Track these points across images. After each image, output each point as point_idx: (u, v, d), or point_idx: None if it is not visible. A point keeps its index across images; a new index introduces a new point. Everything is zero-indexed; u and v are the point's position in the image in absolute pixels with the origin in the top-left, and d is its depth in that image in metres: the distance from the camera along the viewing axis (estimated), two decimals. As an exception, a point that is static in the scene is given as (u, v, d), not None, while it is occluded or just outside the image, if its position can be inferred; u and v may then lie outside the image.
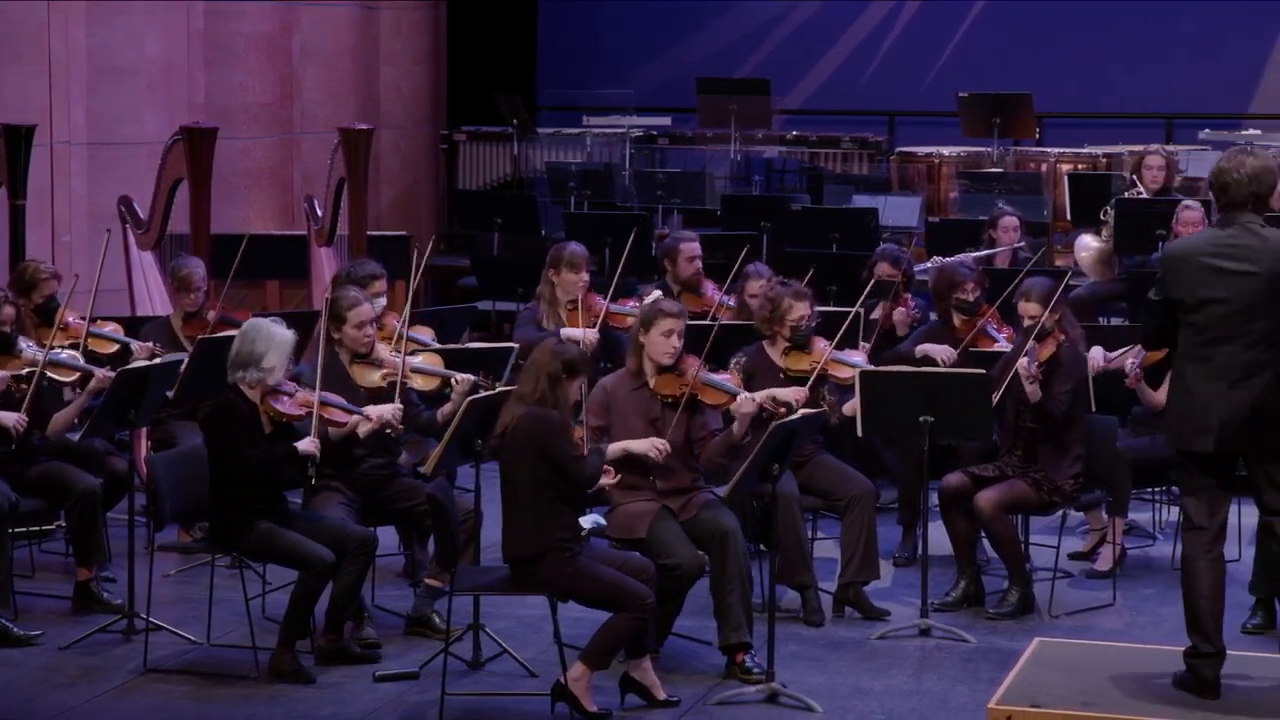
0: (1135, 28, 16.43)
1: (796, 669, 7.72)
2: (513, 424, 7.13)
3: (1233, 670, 6.86)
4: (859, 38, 17.28)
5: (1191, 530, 6.71)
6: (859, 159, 15.42)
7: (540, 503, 7.10)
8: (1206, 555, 6.68)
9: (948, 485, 8.56)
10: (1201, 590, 6.66)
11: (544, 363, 7.16)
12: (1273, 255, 6.54)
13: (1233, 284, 6.54)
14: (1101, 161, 13.99)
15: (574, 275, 9.79)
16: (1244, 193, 6.59)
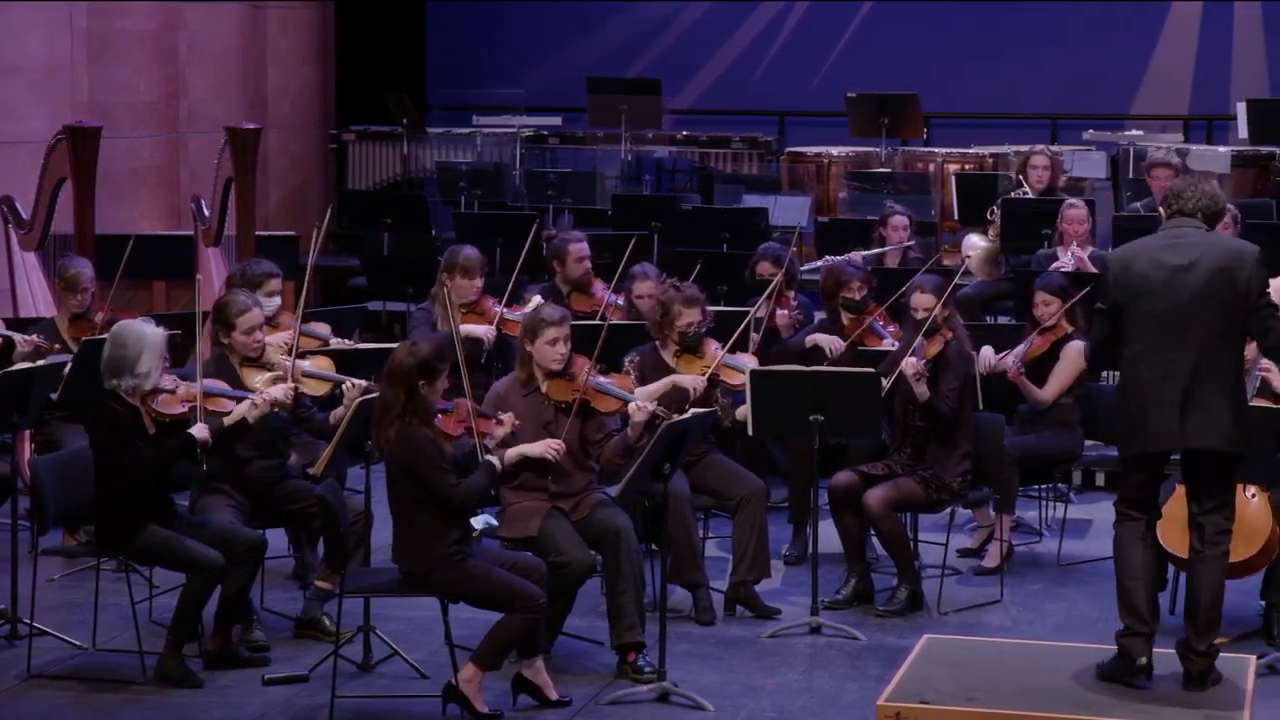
0: (1020, 28, 16.59)
1: (688, 668, 7.73)
2: (387, 445, 7.08)
3: (1117, 664, 6.96)
4: (748, 38, 17.34)
5: (1125, 522, 6.82)
6: (749, 159, 15.47)
7: (426, 518, 7.06)
8: (1140, 541, 6.80)
9: (837, 484, 8.61)
10: (1135, 572, 6.78)
11: (400, 369, 7.09)
12: (1211, 255, 6.67)
13: (1176, 286, 6.66)
14: (988, 161, 14.11)
15: (467, 281, 9.75)
16: (1190, 204, 6.76)
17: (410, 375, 7.05)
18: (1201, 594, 6.74)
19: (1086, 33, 16.41)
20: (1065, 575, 9.23)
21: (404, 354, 7.11)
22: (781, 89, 16.92)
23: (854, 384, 8.36)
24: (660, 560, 7.73)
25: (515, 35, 17.53)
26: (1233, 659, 7.00)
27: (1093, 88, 16.22)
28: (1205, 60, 16.28)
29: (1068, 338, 9.30)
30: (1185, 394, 6.65)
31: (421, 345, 7.23)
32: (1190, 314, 6.66)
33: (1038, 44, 16.56)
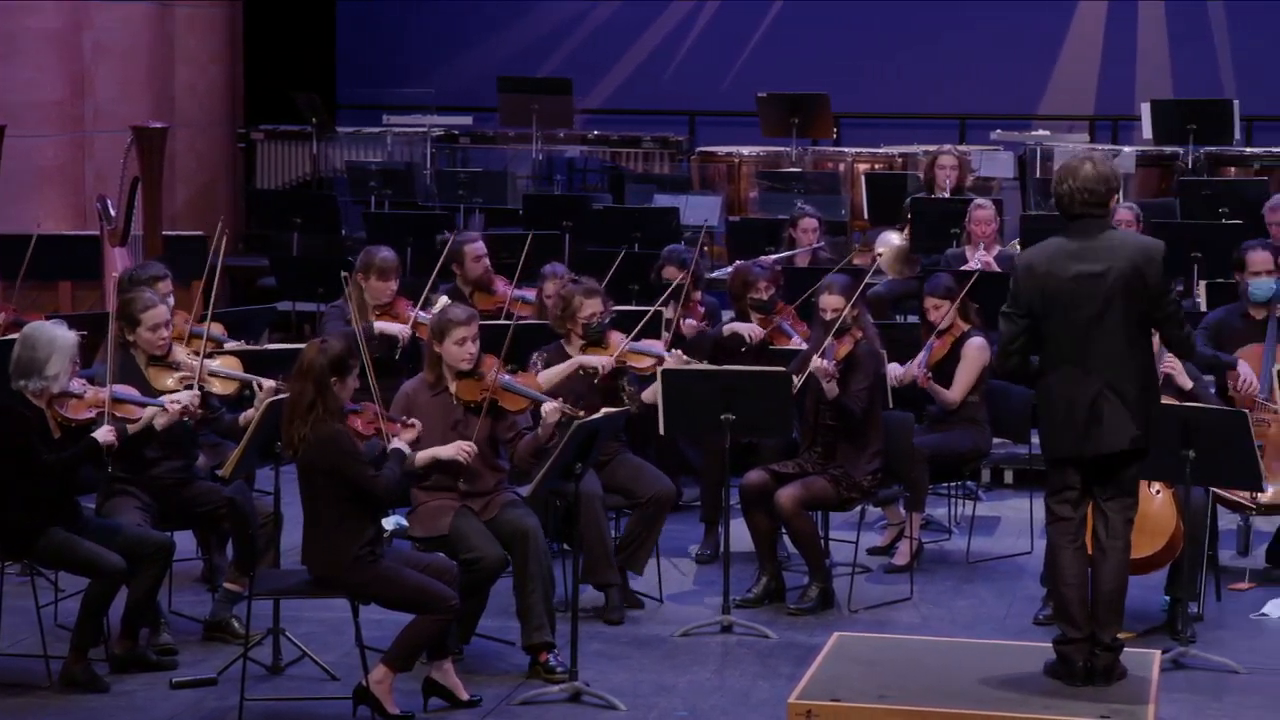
0: (929, 29, 16.68)
1: (599, 667, 7.73)
2: (301, 444, 7.04)
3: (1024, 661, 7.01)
4: (659, 38, 17.35)
5: (1056, 521, 6.87)
6: (660, 158, 15.48)
7: (339, 517, 7.02)
8: (1071, 544, 6.85)
9: (749, 482, 8.63)
10: (1067, 579, 6.83)
11: (311, 365, 7.05)
12: (1121, 256, 6.72)
13: (1085, 287, 6.71)
14: (897, 161, 14.19)
15: (382, 283, 9.70)
16: (1079, 201, 6.78)
17: (322, 372, 7.01)
18: (1104, 587, 6.81)
19: (994, 33, 16.53)
20: (974, 572, 9.29)
21: (315, 351, 7.08)
22: (692, 89, 16.94)
23: (765, 383, 8.39)
24: (572, 560, 7.72)
25: (425, 34, 17.47)
26: (1138, 654, 7.07)
27: (1000, 88, 16.34)
28: (1110, 61, 16.44)
29: (965, 336, 9.37)
30: (1101, 398, 6.70)
31: (333, 342, 7.20)
32: (1103, 318, 6.71)
33: (946, 44, 16.66)
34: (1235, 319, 9.37)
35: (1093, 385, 6.71)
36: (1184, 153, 13.40)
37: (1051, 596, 6.97)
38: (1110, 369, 6.72)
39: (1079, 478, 6.85)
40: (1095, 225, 6.79)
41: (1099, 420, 6.71)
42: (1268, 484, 8.57)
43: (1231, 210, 11.81)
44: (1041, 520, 8.23)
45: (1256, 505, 8.82)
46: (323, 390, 7.01)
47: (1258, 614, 8.50)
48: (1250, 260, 9.32)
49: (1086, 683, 6.75)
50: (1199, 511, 8.17)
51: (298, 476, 7.13)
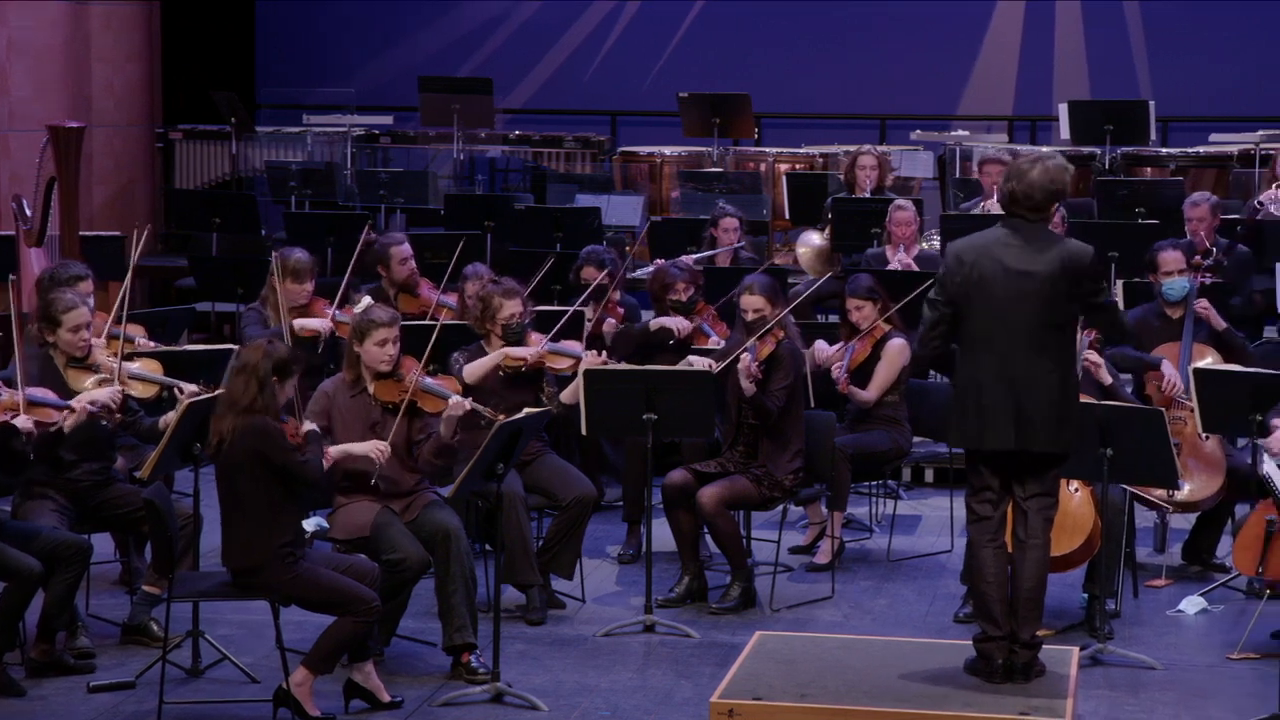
0: (850, 29, 16.77)
1: (522, 667, 7.72)
2: (229, 435, 7.00)
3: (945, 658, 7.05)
4: (580, 38, 17.35)
5: (976, 521, 6.90)
6: (582, 158, 15.48)
7: (262, 511, 6.98)
8: (991, 544, 6.88)
9: (671, 482, 8.64)
10: (987, 577, 6.87)
11: (255, 364, 7.03)
12: (1051, 257, 6.76)
13: (1013, 285, 6.75)
14: (818, 161, 14.24)
15: (298, 285, 9.65)
16: (1020, 202, 6.83)
17: (265, 372, 6.99)
18: (1023, 585, 6.85)
19: (914, 33, 16.63)
20: (895, 571, 9.34)
21: (260, 350, 7.05)
22: (614, 89, 16.96)
23: (687, 383, 8.40)
24: (494, 560, 7.70)
25: (345, 34, 17.40)
26: (1056, 650, 7.13)
27: (920, 89, 16.45)
28: (1028, 61, 16.57)
29: (886, 337, 9.42)
30: (1019, 395, 6.75)
31: (279, 344, 7.20)
32: (1027, 315, 6.75)
33: (867, 44, 16.75)
34: (1152, 318, 9.46)
35: (1008, 380, 6.75)
36: (1101, 153, 13.51)
37: (971, 594, 7.02)
38: (1028, 366, 6.76)
39: (998, 477, 6.90)
40: (1031, 226, 6.84)
41: (1011, 416, 6.75)
42: (1184, 482, 8.67)
43: (1148, 210, 11.92)
44: (962, 519, 8.28)
45: (1173, 503, 8.91)
46: (262, 389, 6.98)
47: (1174, 611, 8.59)
48: (1162, 261, 9.42)
49: (1006, 680, 6.80)
50: (1117, 509, 8.24)
51: (217, 476, 7.08)
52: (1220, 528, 9.10)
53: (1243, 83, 15.94)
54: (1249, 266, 10.94)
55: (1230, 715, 7.16)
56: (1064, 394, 6.82)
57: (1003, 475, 6.90)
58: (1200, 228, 10.74)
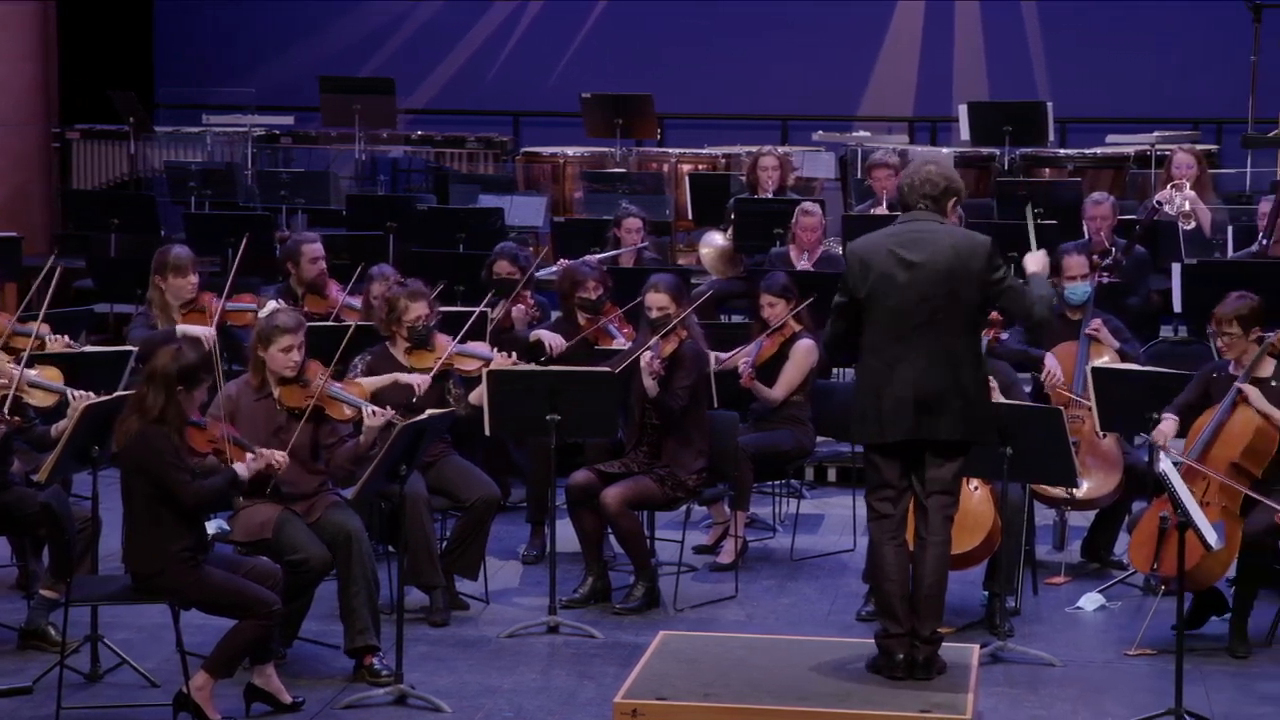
0: (752, 31, 16.82)
1: (425, 669, 7.69)
2: (126, 441, 6.93)
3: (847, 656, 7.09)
4: (482, 38, 17.32)
5: (877, 519, 6.94)
6: (484, 159, 15.45)
7: (163, 515, 6.92)
8: (892, 541, 6.92)
9: (574, 482, 8.64)
10: (889, 575, 6.91)
11: (162, 371, 6.96)
12: (948, 250, 6.81)
13: (912, 278, 6.80)
14: (721, 162, 14.28)
15: (181, 280, 9.58)
16: (916, 196, 6.89)
17: (170, 379, 6.93)
18: (924, 582, 6.90)
19: (815, 35, 16.71)
20: (798, 570, 9.38)
21: (168, 357, 6.98)
22: (516, 89, 16.93)
23: (590, 383, 8.40)
24: (397, 561, 7.67)
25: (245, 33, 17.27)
26: (957, 648, 7.19)
27: (822, 90, 16.52)
28: (928, 63, 16.69)
29: (795, 337, 9.47)
30: (920, 386, 6.80)
31: (186, 350, 7.12)
32: (926, 308, 6.81)
33: (769, 45, 16.81)
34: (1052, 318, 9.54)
35: (909, 372, 6.79)
36: (1000, 154, 13.63)
37: (873, 592, 7.06)
38: (928, 358, 6.80)
39: (898, 475, 6.94)
40: (926, 222, 6.89)
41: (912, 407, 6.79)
42: (1082, 480, 8.76)
43: (1046, 211, 12.02)
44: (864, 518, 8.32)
45: (1071, 501, 9.00)
46: (169, 398, 6.92)
47: (1073, 607, 8.67)
48: (1067, 265, 9.51)
49: (908, 677, 6.85)
50: (1016, 507, 8.31)
51: (120, 478, 7.01)
52: (1118, 525, 9.20)
53: (1139, 84, 16.13)
54: (1146, 267, 11.07)
55: (1127, 710, 7.24)
56: (965, 382, 6.85)
57: (903, 472, 6.94)
58: (1101, 227, 10.87)
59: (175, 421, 6.94)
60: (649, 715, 6.61)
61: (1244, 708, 7.36)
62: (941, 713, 6.56)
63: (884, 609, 6.94)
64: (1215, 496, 7.93)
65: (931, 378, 6.82)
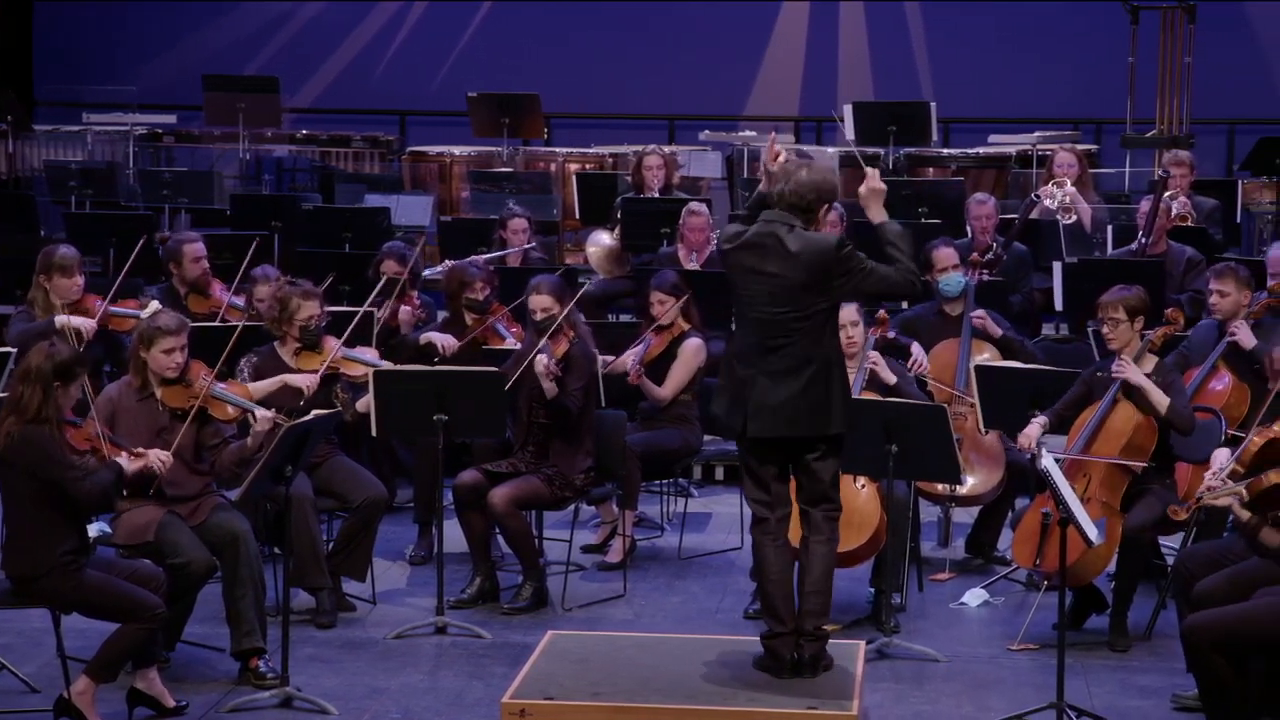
0: (639, 30, 16.86)
1: (311, 671, 7.65)
2: (6, 441, 6.84)
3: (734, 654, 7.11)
4: (367, 37, 17.24)
5: (758, 521, 6.95)
6: (370, 158, 15.38)
7: (41, 520, 6.84)
8: (773, 542, 6.94)
9: (462, 483, 8.62)
10: (771, 575, 6.93)
11: (36, 369, 6.87)
12: (812, 252, 6.83)
13: (767, 278, 6.82)
14: (608, 161, 14.30)
15: (66, 280, 9.49)
16: (786, 200, 6.92)
17: (46, 376, 6.84)
18: (810, 580, 6.94)
19: (701, 34, 16.77)
20: (686, 568, 9.40)
21: (42, 355, 6.89)
22: (402, 88, 16.88)
23: (478, 383, 8.38)
24: (283, 563, 7.62)
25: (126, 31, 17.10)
26: (843, 644, 7.23)
27: (708, 89, 16.59)
28: (813, 63, 16.80)
29: (684, 336, 9.50)
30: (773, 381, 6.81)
31: (60, 347, 7.03)
32: (780, 306, 6.82)
33: (655, 45, 16.86)
34: (931, 315, 9.65)
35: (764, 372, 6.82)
36: (885, 154, 13.73)
37: (758, 592, 7.09)
38: (778, 358, 6.82)
39: (776, 476, 6.96)
40: (789, 224, 6.90)
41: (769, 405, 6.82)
42: (966, 476, 8.85)
43: (930, 210, 12.14)
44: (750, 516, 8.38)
45: (955, 498, 9.08)
46: (48, 393, 6.83)
47: (957, 603, 8.76)
48: (936, 258, 9.61)
49: (794, 675, 6.88)
50: (901, 505, 8.38)
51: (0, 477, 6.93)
52: (1001, 521, 9.30)
53: (1021, 85, 16.32)
54: (1027, 265, 11.20)
55: (1010, 705, 7.31)
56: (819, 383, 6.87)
57: (780, 474, 6.97)
58: (984, 226, 10.99)
59: (54, 419, 6.86)
60: (537, 715, 6.60)
61: (1124, 700, 7.46)
62: (828, 709, 6.59)
63: (767, 609, 6.97)
64: (1096, 493, 8.03)
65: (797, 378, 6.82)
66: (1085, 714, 7.15)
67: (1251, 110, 15.95)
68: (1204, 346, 8.94)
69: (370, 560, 8.53)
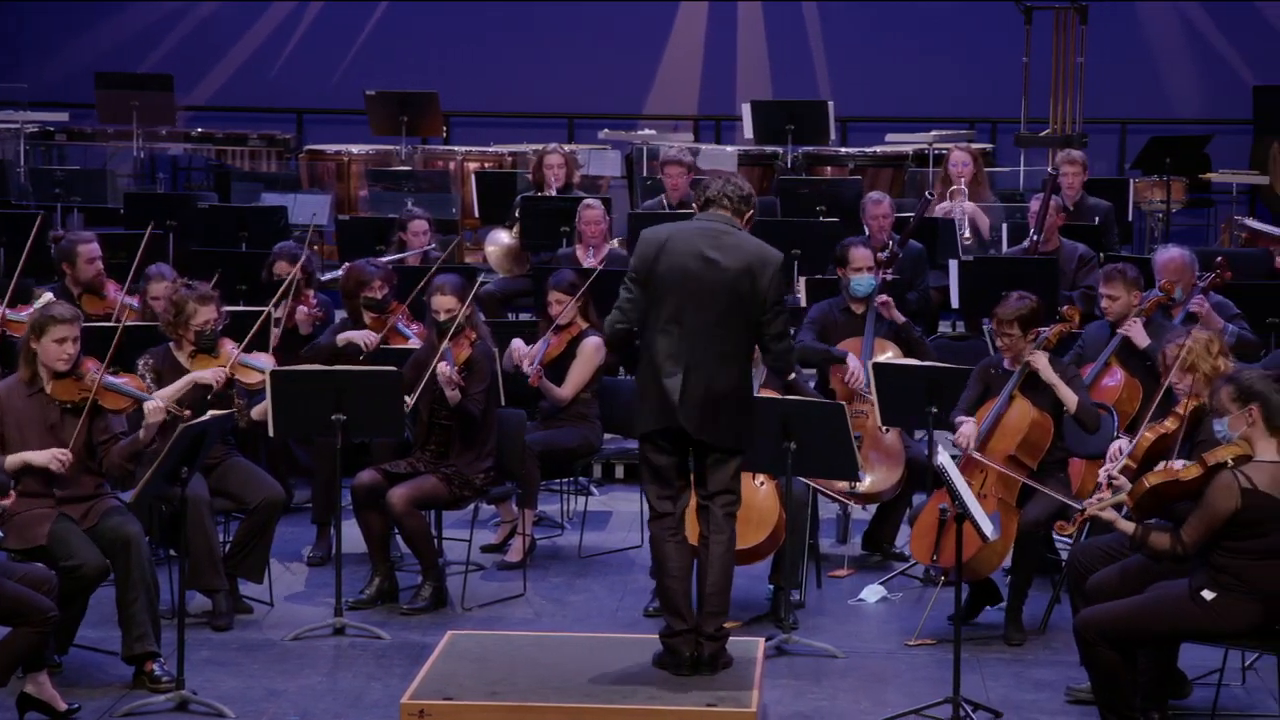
0: (538, 29, 16.85)
1: (208, 674, 7.58)
2: None
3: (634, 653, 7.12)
4: (264, 35, 17.13)
5: (657, 517, 6.97)
6: (267, 157, 15.27)
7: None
8: (673, 539, 6.96)
9: (360, 483, 8.58)
10: (670, 572, 6.95)
11: None
12: (740, 256, 6.86)
13: (704, 275, 6.86)
14: (507, 160, 14.28)
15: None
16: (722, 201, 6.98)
17: None
18: (709, 579, 6.96)
19: (600, 33, 16.78)
20: (586, 567, 9.40)
21: None
22: (299, 86, 16.78)
23: (376, 382, 8.34)
24: (178, 565, 7.55)
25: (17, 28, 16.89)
26: (743, 642, 7.26)
27: (607, 88, 16.61)
28: (712, 62, 16.85)
29: (583, 335, 9.49)
30: (696, 382, 6.85)
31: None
32: (709, 305, 6.87)
33: (555, 44, 16.85)
34: (836, 313, 9.70)
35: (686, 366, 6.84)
36: (783, 152, 13.79)
37: (657, 590, 7.11)
38: (706, 354, 6.86)
39: (676, 473, 6.98)
40: (727, 224, 6.95)
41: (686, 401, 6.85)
42: (865, 474, 8.90)
43: (829, 208, 12.21)
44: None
45: (854, 495, 9.13)
46: None
47: (855, 600, 8.80)
48: (852, 257, 9.65)
49: (694, 672, 6.90)
50: (800, 502, 8.41)
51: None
52: (899, 518, 9.35)
53: (917, 85, 16.44)
54: (923, 263, 11.29)
55: (907, 700, 7.36)
56: (738, 386, 6.94)
57: (680, 470, 6.99)
58: (882, 225, 11.06)
59: None
60: (435, 715, 6.59)
61: (1019, 694, 7.53)
62: (727, 706, 6.62)
63: (667, 606, 6.99)
64: (992, 488, 8.10)
65: (713, 377, 6.87)
66: (981, 708, 7.21)
67: (1142, 110, 16.15)
68: (1098, 343, 9.05)
69: (268, 561, 8.47)
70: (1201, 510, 6.58)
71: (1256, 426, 6.60)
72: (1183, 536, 6.61)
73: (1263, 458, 6.59)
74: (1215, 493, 6.55)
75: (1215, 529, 6.56)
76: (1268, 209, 15.16)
